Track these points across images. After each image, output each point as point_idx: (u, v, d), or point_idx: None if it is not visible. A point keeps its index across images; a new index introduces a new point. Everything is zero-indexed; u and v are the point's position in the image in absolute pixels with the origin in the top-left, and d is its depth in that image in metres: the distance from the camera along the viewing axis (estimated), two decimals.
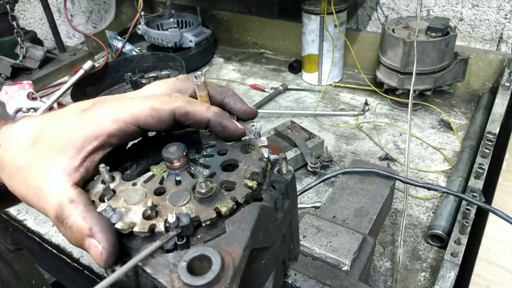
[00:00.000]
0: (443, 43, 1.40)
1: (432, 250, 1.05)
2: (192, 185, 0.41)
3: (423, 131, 1.47)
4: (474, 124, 1.42)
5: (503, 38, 1.61)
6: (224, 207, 0.38)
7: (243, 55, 2.13)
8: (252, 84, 1.84)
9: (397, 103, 1.59)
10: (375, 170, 1.02)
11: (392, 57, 1.49)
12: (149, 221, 0.38)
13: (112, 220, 0.37)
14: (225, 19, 2.16)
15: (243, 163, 0.44)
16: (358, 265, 0.75)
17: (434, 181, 1.26)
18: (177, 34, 1.95)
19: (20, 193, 0.41)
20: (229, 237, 0.37)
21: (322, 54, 1.71)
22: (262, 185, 0.43)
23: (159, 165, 0.48)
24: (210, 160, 0.47)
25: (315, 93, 1.75)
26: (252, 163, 0.44)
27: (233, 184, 0.42)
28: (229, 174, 0.43)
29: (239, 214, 0.39)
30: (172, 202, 0.40)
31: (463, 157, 1.27)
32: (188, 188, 0.41)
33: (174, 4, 2.22)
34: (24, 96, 1.43)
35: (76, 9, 2.59)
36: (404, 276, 0.98)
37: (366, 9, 1.85)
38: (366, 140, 1.45)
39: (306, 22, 1.67)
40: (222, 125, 0.44)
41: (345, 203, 0.95)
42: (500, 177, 1.06)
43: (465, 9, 1.63)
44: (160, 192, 0.41)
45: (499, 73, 1.56)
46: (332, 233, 0.79)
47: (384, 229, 1.10)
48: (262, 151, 0.46)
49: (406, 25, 1.51)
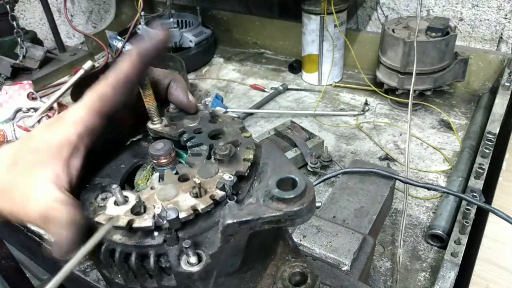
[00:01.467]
0: (443, 43, 1.40)
1: (432, 250, 1.05)
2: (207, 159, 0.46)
3: (423, 131, 1.47)
4: (474, 124, 1.42)
5: (503, 38, 1.61)
6: (250, 155, 0.45)
7: (243, 55, 2.13)
8: (252, 84, 1.84)
9: (397, 103, 1.59)
10: (375, 170, 1.02)
11: (392, 57, 1.49)
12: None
13: (172, 215, 0.38)
14: (225, 19, 2.16)
15: (225, 128, 0.50)
16: (358, 265, 0.75)
17: (434, 181, 1.26)
18: (177, 34, 1.95)
19: (7, 211, 0.43)
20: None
21: (322, 54, 1.71)
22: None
23: (140, 174, 0.48)
24: (197, 149, 0.49)
25: (315, 93, 1.75)
26: (231, 125, 0.50)
27: (236, 141, 0.47)
28: (222, 140, 0.48)
29: (270, 151, 0.47)
30: (203, 176, 0.43)
31: (463, 157, 1.27)
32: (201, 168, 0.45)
33: (174, 4, 2.21)
34: (24, 96, 1.43)
35: (76, 9, 2.59)
36: (404, 276, 0.98)
37: (366, 9, 1.85)
38: (366, 140, 1.45)
39: (306, 22, 1.67)
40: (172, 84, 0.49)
41: (345, 203, 0.95)
42: (500, 177, 1.06)
43: (465, 9, 1.63)
44: (184, 179, 0.44)
45: (499, 73, 1.56)
46: (332, 233, 0.79)
47: (384, 229, 1.10)
48: (230, 115, 0.52)
49: (406, 25, 1.51)
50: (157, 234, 0.40)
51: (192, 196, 0.41)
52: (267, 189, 0.40)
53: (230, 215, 0.39)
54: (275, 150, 0.48)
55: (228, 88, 1.86)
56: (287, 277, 0.45)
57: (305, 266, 0.46)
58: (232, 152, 0.44)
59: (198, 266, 0.39)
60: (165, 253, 0.40)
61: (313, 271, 0.45)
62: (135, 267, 0.40)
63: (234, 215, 0.39)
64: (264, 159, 0.46)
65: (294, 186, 0.40)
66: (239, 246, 0.41)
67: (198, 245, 0.40)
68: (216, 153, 0.45)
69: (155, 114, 0.50)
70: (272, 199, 0.39)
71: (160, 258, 0.40)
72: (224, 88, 1.86)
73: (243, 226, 0.39)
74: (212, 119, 0.52)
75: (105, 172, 0.48)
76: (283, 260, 0.47)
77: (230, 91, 1.83)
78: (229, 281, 0.43)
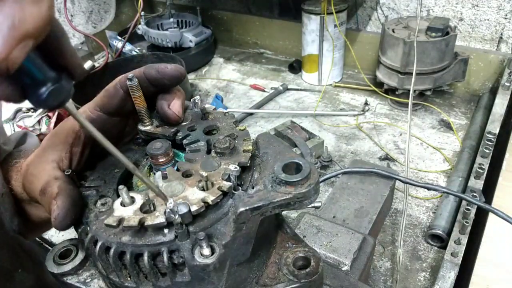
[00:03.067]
0: (443, 43, 1.40)
1: (432, 250, 1.05)
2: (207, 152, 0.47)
3: (423, 131, 1.47)
4: (474, 124, 1.42)
5: (503, 38, 1.61)
6: (249, 146, 0.46)
7: (243, 55, 2.13)
8: (252, 84, 1.84)
9: (397, 103, 1.59)
10: (375, 170, 1.02)
11: (392, 57, 1.49)
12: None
13: (183, 209, 0.39)
14: (225, 19, 2.16)
15: (219, 123, 0.51)
16: (358, 265, 0.75)
17: (434, 181, 1.26)
18: (177, 34, 1.95)
19: (27, 189, 0.49)
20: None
21: (322, 54, 1.71)
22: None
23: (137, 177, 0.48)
24: (194, 146, 0.49)
25: (315, 93, 1.75)
26: (223, 120, 0.51)
27: (233, 135, 0.48)
28: (217, 136, 0.49)
29: (268, 141, 0.48)
30: (205, 169, 0.44)
31: (463, 157, 1.27)
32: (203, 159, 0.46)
33: (174, 4, 2.21)
34: None
35: (76, 9, 2.59)
36: (404, 276, 0.98)
37: (366, 9, 1.85)
38: (366, 140, 1.45)
39: (306, 22, 1.67)
40: (159, 71, 0.49)
41: (345, 203, 0.95)
42: (500, 177, 1.06)
43: (465, 9, 1.63)
44: (188, 175, 0.44)
45: (499, 73, 1.56)
46: (332, 233, 0.79)
47: (384, 229, 1.10)
48: (221, 111, 0.53)
49: (406, 25, 1.51)
50: (167, 231, 0.40)
51: (200, 190, 0.41)
52: (274, 175, 0.42)
53: (242, 203, 0.40)
54: (273, 139, 0.49)
55: (228, 88, 1.86)
56: (291, 263, 0.46)
57: (307, 250, 0.47)
58: (232, 145, 0.45)
59: (212, 258, 0.40)
60: (177, 249, 0.40)
61: (315, 254, 0.47)
62: (148, 267, 0.40)
63: (245, 202, 0.40)
64: (264, 149, 0.48)
65: (298, 169, 0.42)
66: (251, 233, 0.42)
67: (210, 237, 0.41)
68: (217, 146, 0.46)
69: (145, 116, 0.50)
70: (280, 184, 0.41)
71: (173, 255, 0.41)
72: (224, 88, 1.86)
73: (255, 212, 0.40)
74: (204, 116, 0.52)
75: (99, 178, 0.48)
76: (284, 247, 0.49)
77: (230, 91, 1.83)
78: (240, 271, 0.44)
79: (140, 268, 0.42)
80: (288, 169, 0.43)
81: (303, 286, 0.45)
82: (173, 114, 0.50)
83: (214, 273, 0.41)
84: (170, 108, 0.50)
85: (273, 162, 0.45)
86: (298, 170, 0.42)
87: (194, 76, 1.97)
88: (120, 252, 0.41)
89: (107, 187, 0.46)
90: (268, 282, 0.46)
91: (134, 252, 0.40)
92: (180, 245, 0.40)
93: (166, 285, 0.42)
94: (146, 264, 0.40)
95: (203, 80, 1.94)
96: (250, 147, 0.46)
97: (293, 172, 0.42)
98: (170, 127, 0.51)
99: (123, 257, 0.41)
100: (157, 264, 0.41)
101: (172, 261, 0.41)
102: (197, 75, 1.98)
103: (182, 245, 0.40)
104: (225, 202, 0.42)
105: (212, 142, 0.48)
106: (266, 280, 0.46)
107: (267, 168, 0.45)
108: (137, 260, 0.41)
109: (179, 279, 0.42)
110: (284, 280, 0.46)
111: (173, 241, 0.40)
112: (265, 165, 0.46)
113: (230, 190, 0.42)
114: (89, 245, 0.42)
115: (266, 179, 0.43)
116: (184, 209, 0.39)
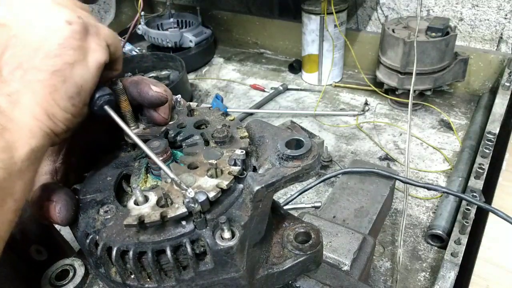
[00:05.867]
0: (443, 43, 1.40)
1: (432, 250, 1.05)
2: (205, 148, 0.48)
3: (423, 131, 1.47)
4: (474, 124, 1.42)
5: (503, 38, 1.61)
6: (245, 132, 0.48)
7: (243, 55, 2.13)
8: (252, 84, 1.84)
9: (397, 103, 1.59)
10: (375, 170, 1.02)
11: (392, 57, 1.49)
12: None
13: (201, 197, 0.40)
14: (225, 19, 2.16)
15: (207, 117, 0.52)
16: (358, 265, 0.75)
17: (434, 181, 1.26)
18: (177, 34, 1.95)
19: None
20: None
21: (322, 54, 1.71)
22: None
23: (137, 180, 0.48)
24: (189, 141, 0.49)
25: (315, 93, 1.75)
26: (211, 113, 0.52)
27: (225, 125, 0.49)
28: (207, 130, 0.50)
29: (261, 126, 0.50)
30: (210, 159, 0.45)
31: (463, 157, 1.27)
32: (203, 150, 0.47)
33: (174, 4, 2.22)
34: None
35: None
36: (404, 276, 0.98)
37: (366, 9, 1.85)
38: (366, 140, 1.45)
39: (306, 22, 1.67)
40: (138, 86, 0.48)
41: (345, 203, 0.95)
42: (500, 177, 1.06)
43: (465, 9, 1.63)
44: (194, 167, 0.45)
45: (499, 73, 1.56)
46: (332, 233, 0.79)
47: (384, 229, 1.10)
48: (205, 106, 0.54)
49: (406, 25, 1.51)
50: (185, 222, 0.40)
51: (210, 178, 0.43)
52: (280, 153, 0.44)
53: (257, 182, 0.42)
54: (265, 124, 0.51)
55: (228, 88, 1.86)
56: (293, 239, 0.49)
57: (305, 225, 0.50)
58: (229, 133, 0.47)
59: (234, 239, 0.41)
60: (198, 238, 0.41)
61: (313, 227, 0.50)
62: (172, 261, 0.40)
63: (260, 181, 0.42)
64: (259, 133, 0.50)
65: (298, 145, 0.45)
66: (265, 211, 0.45)
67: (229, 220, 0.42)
68: (215, 136, 0.47)
69: (131, 120, 0.50)
70: (287, 160, 0.44)
71: (193, 245, 0.41)
72: (224, 88, 1.86)
73: (270, 188, 0.42)
74: (190, 112, 0.53)
75: (93, 188, 0.47)
76: (282, 228, 0.51)
77: (230, 91, 1.83)
78: (254, 252, 0.46)
79: (161, 265, 0.42)
80: (290, 146, 0.45)
81: (309, 258, 0.48)
82: (159, 117, 0.50)
83: (237, 254, 0.42)
84: (156, 111, 0.49)
85: (272, 143, 0.47)
86: (299, 145, 0.45)
87: (194, 76, 1.97)
88: (139, 253, 0.40)
89: (104, 195, 0.46)
90: (275, 261, 0.49)
91: (155, 249, 0.40)
92: (200, 233, 0.41)
93: (189, 277, 0.42)
94: (170, 258, 0.40)
95: (203, 80, 1.94)
96: (246, 133, 0.48)
97: (295, 148, 0.45)
98: (159, 127, 0.51)
99: (141, 258, 0.41)
100: (178, 257, 0.42)
101: (194, 251, 0.41)
102: (197, 75, 1.98)
103: (203, 233, 0.41)
104: (235, 187, 0.44)
105: (206, 134, 0.49)
106: (274, 259, 0.49)
107: (267, 149, 0.47)
108: (157, 257, 0.41)
109: (202, 268, 0.42)
110: (290, 256, 0.48)
111: (193, 231, 0.40)
112: (264, 147, 0.47)
113: (240, 174, 0.44)
114: (102, 254, 0.41)
115: (272, 158, 0.45)
116: (203, 197, 0.40)
